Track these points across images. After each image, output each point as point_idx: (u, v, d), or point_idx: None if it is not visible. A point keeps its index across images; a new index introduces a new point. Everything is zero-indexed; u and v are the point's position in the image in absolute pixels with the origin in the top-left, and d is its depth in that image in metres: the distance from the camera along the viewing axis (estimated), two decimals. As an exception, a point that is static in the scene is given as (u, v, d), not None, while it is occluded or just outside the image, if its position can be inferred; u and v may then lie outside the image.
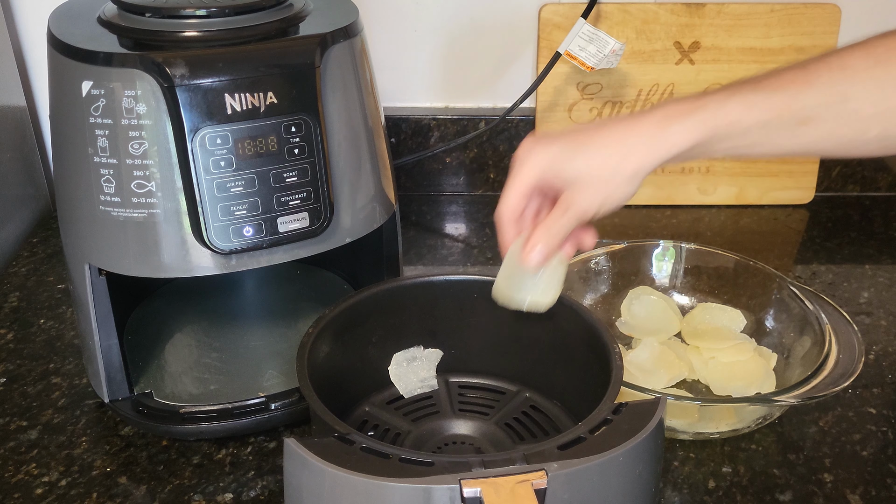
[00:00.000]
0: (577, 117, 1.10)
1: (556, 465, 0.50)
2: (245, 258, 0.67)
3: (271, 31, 0.66)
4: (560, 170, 0.61)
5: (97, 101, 0.63)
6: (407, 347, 0.75)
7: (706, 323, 0.85)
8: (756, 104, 0.58)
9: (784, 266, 1.01)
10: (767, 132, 0.59)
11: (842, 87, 0.58)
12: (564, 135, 0.62)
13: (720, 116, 0.58)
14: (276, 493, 0.69)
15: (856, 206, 1.15)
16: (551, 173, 0.62)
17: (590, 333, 0.67)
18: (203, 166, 0.63)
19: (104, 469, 0.71)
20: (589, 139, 0.61)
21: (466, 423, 0.71)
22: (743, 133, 0.59)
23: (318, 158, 0.67)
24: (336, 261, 0.91)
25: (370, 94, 0.73)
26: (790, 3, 1.05)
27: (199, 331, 0.85)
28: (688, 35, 1.07)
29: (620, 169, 0.60)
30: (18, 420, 0.76)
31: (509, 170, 0.64)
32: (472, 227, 1.10)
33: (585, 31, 1.00)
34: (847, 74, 0.58)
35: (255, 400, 0.74)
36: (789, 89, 0.58)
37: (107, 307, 0.71)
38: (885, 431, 0.76)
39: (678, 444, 0.74)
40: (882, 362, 0.84)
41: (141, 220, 0.65)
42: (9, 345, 0.86)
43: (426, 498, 0.49)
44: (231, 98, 0.63)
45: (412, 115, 1.12)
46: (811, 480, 0.70)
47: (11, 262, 1.00)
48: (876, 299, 0.95)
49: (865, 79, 0.58)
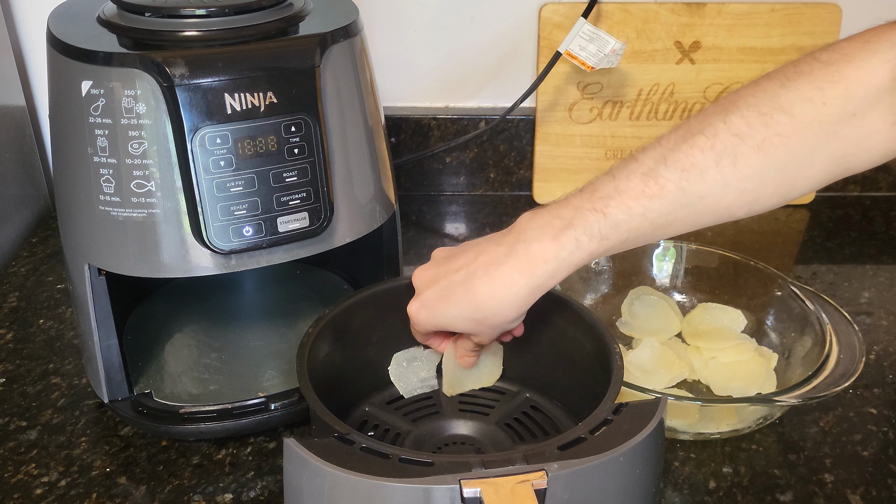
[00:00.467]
0: (577, 117, 1.10)
1: (556, 466, 0.50)
2: (245, 258, 0.67)
3: (271, 30, 0.66)
4: (444, 325, 0.65)
5: (97, 100, 0.63)
6: (407, 347, 0.75)
7: (707, 323, 0.85)
8: (607, 236, 0.59)
9: (785, 266, 1.01)
10: (630, 243, 0.60)
11: (690, 188, 0.57)
12: (437, 287, 0.64)
13: (576, 256, 0.59)
14: (276, 493, 0.69)
15: (856, 206, 1.15)
16: (440, 328, 0.66)
17: (590, 333, 0.67)
18: (203, 166, 0.63)
19: (104, 469, 0.71)
20: (454, 294, 0.63)
21: (466, 424, 0.71)
22: (610, 249, 0.60)
23: (318, 158, 0.67)
24: (336, 261, 0.91)
25: (370, 94, 0.72)
26: (791, 3, 1.05)
27: (199, 331, 0.85)
28: (688, 35, 1.07)
29: (496, 317, 0.62)
30: (18, 420, 0.76)
31: None
32: (472, 226, 1.10)
33: (586, 31, 1.00)
34: (693, 174, 0.57)
35: (254, 400, 0.74)
36: (640, 201, 0.58)
37: (106, 307, 0.71)
38: (886, 432, 0.76)
39: (678, 445, 0.74)
40: (883, 362, 0.84)
41: (140, 220, 0.65)
42: (8, 345, 0.86)
43: (426, 498, 0.49)
44: (231, 98, 0.63)
45: (412, 115, 1.12)
46: (812, 481, 0.70)
47: (11, 262, 1.00)
48: (877, 299, 0.94)
49: (714, 176, 0.56)
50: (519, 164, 1.14)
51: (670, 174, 0.57)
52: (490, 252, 0.62)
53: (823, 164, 0.56)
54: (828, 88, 0.54)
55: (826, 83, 0.54)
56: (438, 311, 0.64)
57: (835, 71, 0.54)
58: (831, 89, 0.54)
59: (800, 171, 0.57)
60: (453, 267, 0.64)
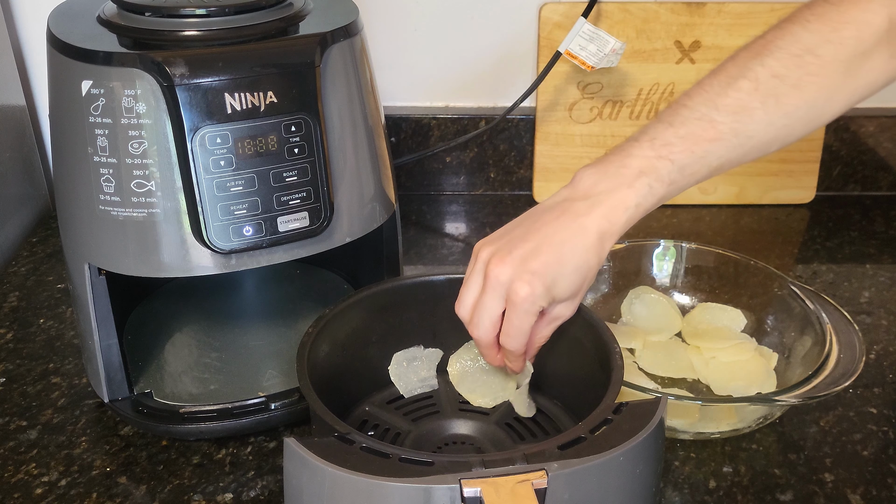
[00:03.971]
0: (577, 116, 1.10)
1: (556, 465, 0.50)
2: (245, 258, 0.67)
3: (271, 30, 0.66)
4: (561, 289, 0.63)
5: (97, 100, 0.63)
6: (407, 347, 0.75)
7: (707, 323, 0.85)
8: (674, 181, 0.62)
9: (785, 265, 1.01)
10: (687, 186, 0.64)
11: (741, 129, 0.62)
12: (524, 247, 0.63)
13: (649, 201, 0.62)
14: (276, 493, 0.69)
15: (857, 206, 1.15)
16: (555, 296, 0.63)
17: (590, 333, 0.67)
18: (203, 166, 0.63)
19: (104, 469, 0.71)
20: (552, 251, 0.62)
21: (466, 423, 0.71)
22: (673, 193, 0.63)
23: (318, 158, 0.66)
24: (336, 261, 0.91)
25: (370, 94, 0.72)
26: (790, 3, 1.05)
27: (199, 331, 0.85)
28: (688, 34, 1.07)
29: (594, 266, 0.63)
30: (18, 420, 0.76)
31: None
32: (472, 226, 1.10)
33: (586, 31, 1.00)
34: (744, 116, 0.62)
35: (255, 400, 0.74)
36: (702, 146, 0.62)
37: (106, 307, 0.71)
38: (886, 431, 0.76)
39: (679, 444, 0.74)
40: (883, 362, 0.84)
41: (141, 220, 0.65)
42: (8, 345, 0.86)
43: (426, 498, 0.49)
44: (231, 97, 0.63)
45: (412, 115, 1.12)
46: (812, 480, 0.70)
47: (11, 262, 1.00)
48: (877, 299, 0.94)
49: (761, 116, 0.62)
50: (519, 164, 1.14)
51: (723, 118, 0.61)
52: (564, 208, 0.63)
53: (842, 98, 0.62)
54: (843, 29, 0.60)
55: (840, 24, 0.60)
56: (553, 272, 0.61)
57: (845, 11, 0.60)
58: (846, 30, 0.60)
59: (825, 107, 0.62)
60: (532, 230, 0.63)
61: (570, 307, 0.65)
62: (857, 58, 0.61)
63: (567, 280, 0.62)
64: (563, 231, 0.62)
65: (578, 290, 0.64)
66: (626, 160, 0.62)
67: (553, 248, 0.61)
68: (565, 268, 0.62)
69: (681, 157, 0.62)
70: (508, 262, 0.62)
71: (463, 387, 0.73)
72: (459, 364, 0.74)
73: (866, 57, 0.61)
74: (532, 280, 0.61)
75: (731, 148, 0.62)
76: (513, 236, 0.63)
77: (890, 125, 1.13)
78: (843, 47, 0.60)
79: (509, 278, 0.62)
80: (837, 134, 1.13)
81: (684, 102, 0.63)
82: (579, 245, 0.61)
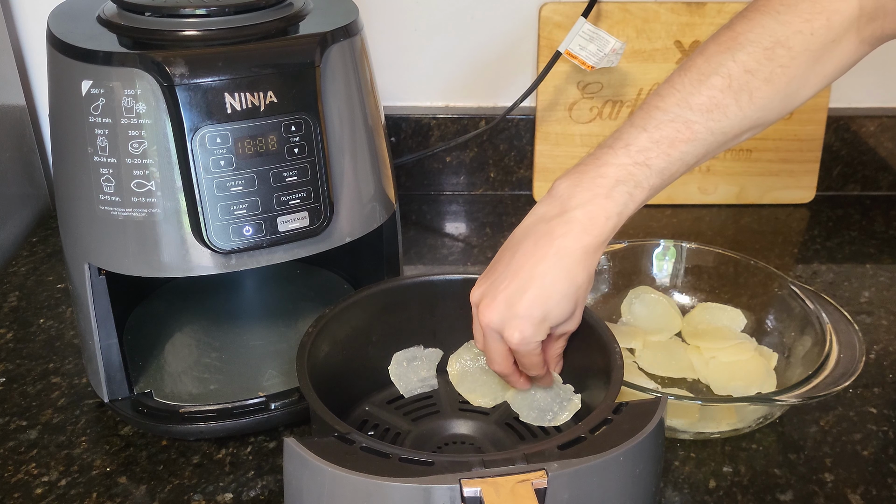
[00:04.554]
0: (577, 116, 1.10)
1: (556, 465, 0.50)
2: (245, 258, 0.67)
3: (271, 30, 0.66)
4: (552, 318, 0.62)
5: (97, 100, 0.63)
6: (407, 347, 0.75)
7: (707, 322, 0.85)
8: (653, 184, 0.62)
9: (785, 265, 1.01)
10: (669, 183, 0.63)
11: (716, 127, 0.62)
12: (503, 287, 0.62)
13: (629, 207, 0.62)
14: (276, 493, 0.69)
15: (856, 206, 1.15)
16: (551, 325, 0.63)
17: (590, 333, 0.67)
18: (203, 166, 0.63)
19: (104, 469, 0.71)
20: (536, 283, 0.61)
21: (466, 423, 0.71)
22: (654, 193, 0.63)
23: (318, 158, 0.66)
24: (336, 261, 0.91)
25: (370, 94, 0.72)
26: (791, 3, 1.05)
27: (199, 331, 0.85)
28: (688, 34, 1.06)
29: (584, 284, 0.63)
30: (18, 420, 0.76)
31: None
32: (472, 226, 1.10)
33: (586, 30, 1.00)
34: (717, 114, 0.61)
35: (255, 400, 0.74)
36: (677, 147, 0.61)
37: (106, 307, 0.71)
38: (886, 431, 0.76)
39: (679, 444, 0.74)
40: (883, 362, 0.84)
41: (141, 220, 0.65)
42: (8, 344, 0.86)
43: (426, 498, 0.49)
44: (231, 97, 0.63)
45: (412, 115, 1.12)
46: (812, 480, 0.70)
47: (11, 262, 1.00)
48: (877, 299, 0.94)
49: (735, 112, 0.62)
50: (519, 164, 1.14)
51: (697, 117, 0.61)
52: (542, 232, 0.62)
53: (813, 84, 0.63)
54: (813, 20, 0.60)
55: (811, 14, 0.60)
56: (540, 308, 0.61)
57: (816, 2, 0.60)
58: (816, 20, 0.60)
59: (797, 95, 0.63)
60: (513, 266, 0.62)
61: (572, 322, 0.65)
62: (827, 46, 0.60)
63: (559, 307, 0.62)
64: (544, 261, 0.61)
65: (574, 309, 0.63)
66: (602, 169, 0.61)
67: (536, 281, 0.61)
68: (552, 299, 0.61)
69: (658, 161, 0.61)
70: (495, 309, 0.62)
71: (463, 387, 0.73)
72: (459, 364, 0.74)
73: (836, 44, 0.61)
74: (521, 325, 0.61)
75: (706, 145, 0.62)
76: (497, 275, 0.63)
77: (890, 125, 1.13)
78: (814, 38, 0.60)
79: (499, 326, 0.62)
80: (838, 134, 1.13)
81: (656, 104, 0.62)
82: (562, 270, 0.61)
